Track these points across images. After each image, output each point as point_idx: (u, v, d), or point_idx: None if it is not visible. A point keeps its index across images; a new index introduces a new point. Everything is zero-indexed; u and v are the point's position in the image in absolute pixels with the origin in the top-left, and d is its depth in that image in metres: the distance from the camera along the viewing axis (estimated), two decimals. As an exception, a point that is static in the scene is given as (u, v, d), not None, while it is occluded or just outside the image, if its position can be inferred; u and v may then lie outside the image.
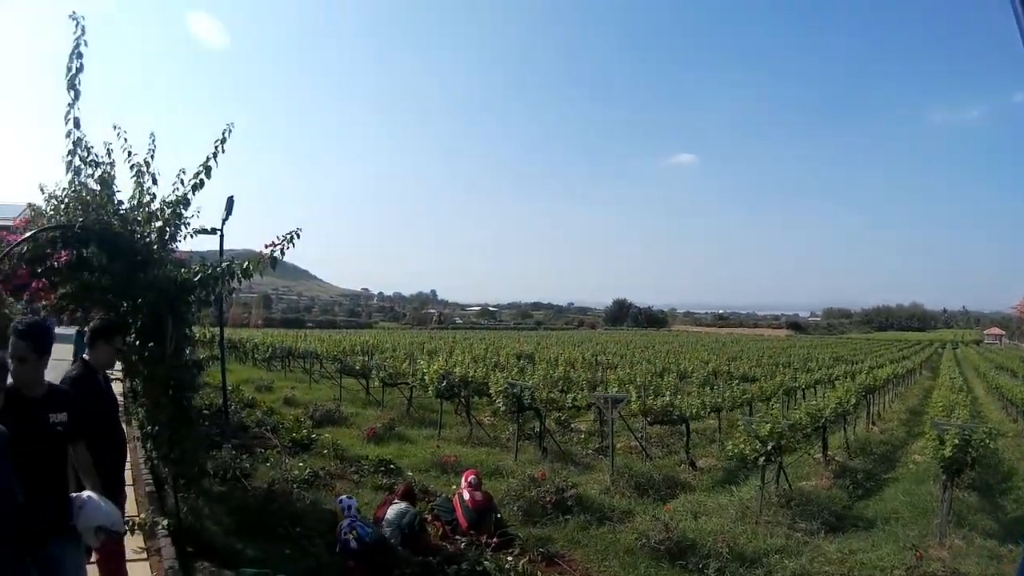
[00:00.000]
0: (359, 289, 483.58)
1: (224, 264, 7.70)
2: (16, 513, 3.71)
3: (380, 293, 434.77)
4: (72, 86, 7.21)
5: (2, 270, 7.68)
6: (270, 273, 7.91)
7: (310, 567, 8.22)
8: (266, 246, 7.46)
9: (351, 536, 8.30)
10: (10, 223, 9.27)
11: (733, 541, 10.01)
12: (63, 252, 7.35)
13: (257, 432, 15.67)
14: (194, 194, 7.89)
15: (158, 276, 7.43)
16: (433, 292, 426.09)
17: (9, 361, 4.24)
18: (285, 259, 7.69)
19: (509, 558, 8.90)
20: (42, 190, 8.67)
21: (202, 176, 7.85)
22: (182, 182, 7.91)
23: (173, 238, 8.05)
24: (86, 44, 7.10)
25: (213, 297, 8.19)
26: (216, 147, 7.92)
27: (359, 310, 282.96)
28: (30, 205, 8.86)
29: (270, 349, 36.13)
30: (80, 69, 7.17)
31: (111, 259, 7.38)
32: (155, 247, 7.76)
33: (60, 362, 11.44)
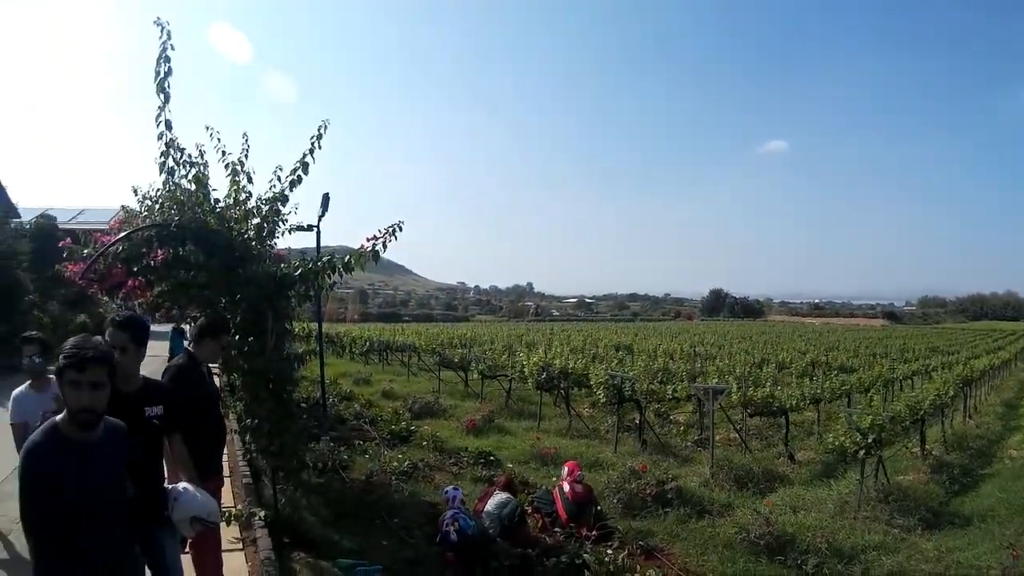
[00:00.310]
0: (455, 283, 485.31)
1: (325, 258, 7.72)
2: (130, 505, 3.76)
3: (476, 286, 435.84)
4: (161, 89, 7.28)
5: (97, 270, 7.83)
6: (368, 268, 7.91)
7: (408, 558, 8.24)
8: (368, 239, 7.44)
9: (452, 528, 8.31)
10: (106, 226, 9.44)
11: (832, 537, 9.77)
12: (159, 251, 7.47)
13: (355, 424, 15.86)
14: (292, 190, 7.96)
15: (257, 272, 7.51)
16: (529, 284, 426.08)
17: (114, 352, 4.21)
18: (382, 254, 7.66)
19: (608, 551, 8.78)
20: (135, 192, 8.88)
21: (299, 172, 7.92)
22: (279, 179, 7.98)
23: (271, 234, 8.15)
24: (172, 48, 7.17)
25: (313, 292, 8.22)
26: (312, 143, 7.96)
27: (455, 303, 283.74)
28: (123, 207, 9.01)
29: (368, 343, 36.42)
30: (168, 73, 7.24)
31: (208, 256, 7.49)
32: (253, 243, 7.84)
33: (155, 358, 11.80)
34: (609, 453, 15.07)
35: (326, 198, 9.28)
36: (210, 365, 6.92)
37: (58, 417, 3.52)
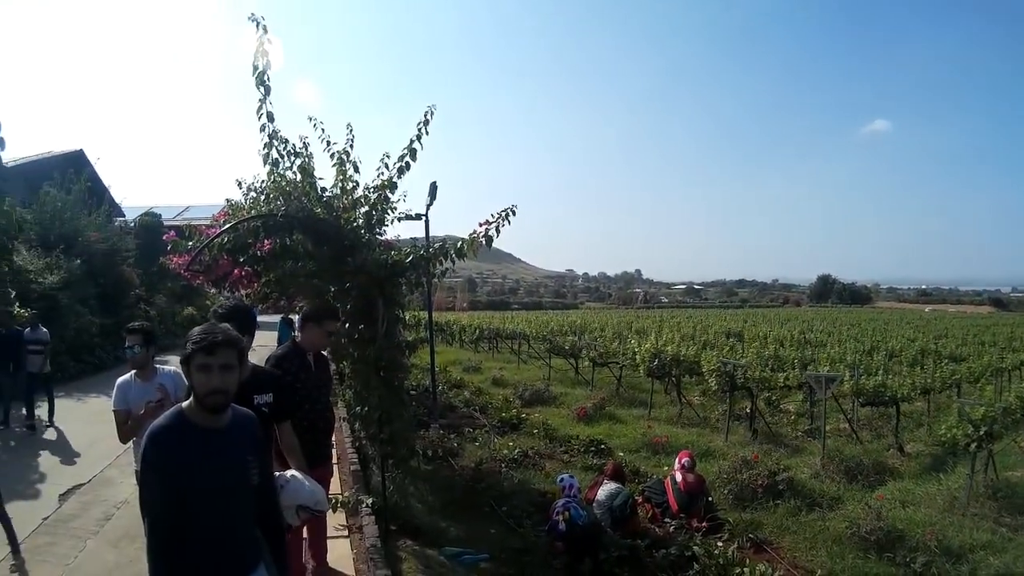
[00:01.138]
0: (564, 270, 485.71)
1: (437, 244, 7.72)
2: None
3: (585, 273, 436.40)
4: (261, 82, 7.42)
5: (202, 261, 7.94)
6: (478, 257, 7.89)
7: (515, 547, 8.14)
8: (480, 224, 7.42)
9: (562, 517, 8.23)
10: (209, 221, 9.61)
11: (941, 534, 9.33)
12: (266, 241, 7.60)
13: (465, 412, 15.96)
14: (400, 177, 7.94)
15: (368, 259, 7.53)
16: (638, 271, 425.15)
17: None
18: (495, 239, 7.58)
19: (718, 544, 8.54)
20: (239, 184, 8.99)
21: (407, 159, 7.89)
22: (387, 166, 7.98)
23: (381, 222, 8.12)
24: (270, 42, 7.28)
25: (424, 280, 8.21)
26: (419, 129, 7.94)
27: (564, 291, 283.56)
28: (228, 200, 9.14)
29: (477, 331, 36.54)
30: (268, 66, 7.37)
31: (317, 245, 7.59)
32: (362, 231, 7.87)
33: (264, 348, 12.00)
34: (720, 442, 14.85)
35: (434, 187, 9.30)
36: (323, 353, 6.96)
37: (184, 404, 3.51)
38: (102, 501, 9.86)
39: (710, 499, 10.24)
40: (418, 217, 8.56)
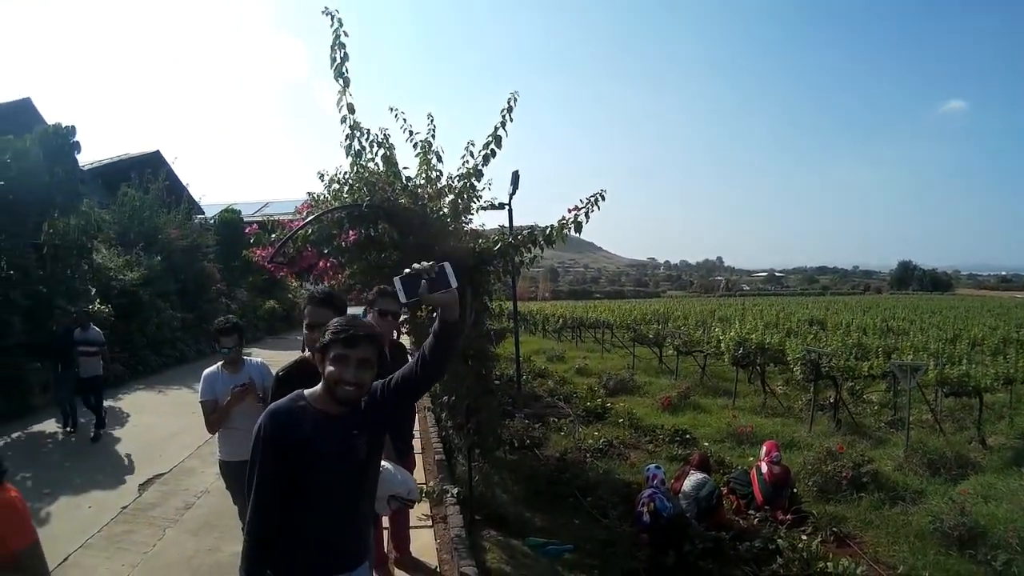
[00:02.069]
0: (645, 259, 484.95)
1: (526, 231, 7.68)
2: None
3: (666, 261, 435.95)
4: (340, 74, 7.46)
5: (286, 253, 7.98)
6: (558, 246, 7.84)
7: (600, 538, 8.10)
8: (569, 210, 7.38)
9: (647, 509, 8.15)
10: (286, 218, 9.72)
11: (1023, 531, 9.05)
12: (351, 232, 7.63)
13: (549, 401, 15.93)
14: (486, 165, 7.92)
15: (455, 248, 7.50)
16: (719, 259, 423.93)
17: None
18: (584, 225, 7.54)
19: (803, 537, 8.39)
20: (321, 177, 9.01)
21: (492, 146, 7.88)
22: (471, 154, 7.98)
23: (467, 211, 8.11)
24: (346, 35, 7.34)
25: (512, 267, 8.17)
26: (503, 116, 7.91)
27: (646, 280, 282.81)
28: (309, 193, 9.20)
29: (560, 320, 36.46)
30: (345, 58, 7.41)
31: (403, 235, 7.59)
32: (448, 220, 7.85)
33: None
34: (803, 433, 14.63)
35: (516, 175, 9.27)
36: (400, 342, 6.93)
37: (307, 391, 3.51)
38: (183, 490, 10.01)
39: (794, 491, 10.11)
40: (501, 206, 8.53)
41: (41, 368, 15.75)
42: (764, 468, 9.96)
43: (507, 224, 10.99)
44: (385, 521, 6.79)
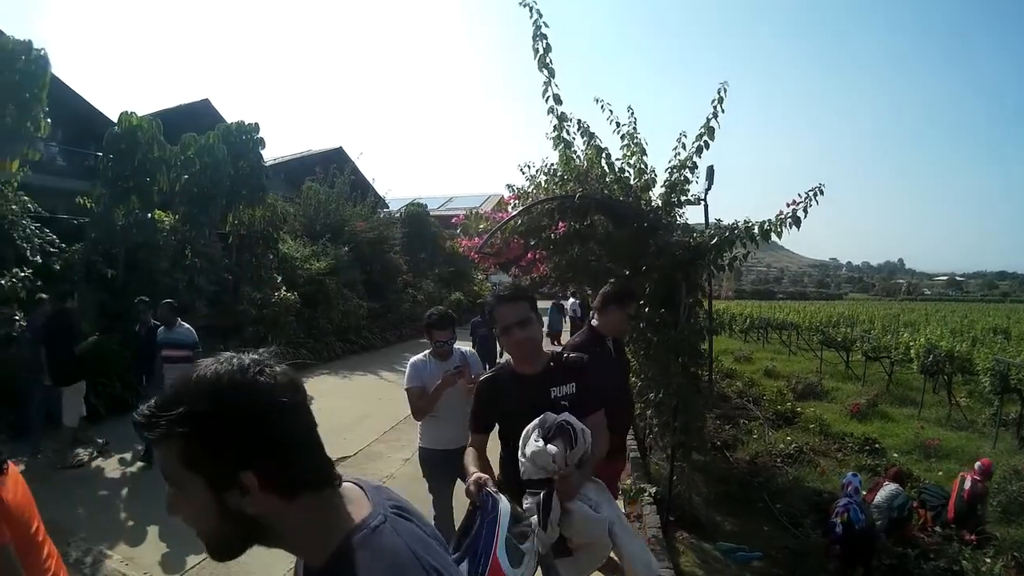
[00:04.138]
0: (827, 259, 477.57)
1: (743, 224, 7.43)
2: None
3: (848, 262, 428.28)
4: (544, 65, 7.37)
5: (494, 244, 7.95)
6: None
7: (789, 547, 7.80)
8: (788, 204, 7.06)
9: (840, 519, 7.88)
10: (476, 210, 9.74)
11: None
12: (560, 223, 7.57)
13: (739, 403, 15.57)
14: (699, 156, 7.73)
15: (670, 241, 7.35)
16: (900, 261, 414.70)
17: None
18: (787, 227, 7.17)
19: (986, 560, 7.95)
20: (522, 171, 9.00)
21: (705, 137, 7.68)
22: (683, 146, 7.82)
23: (678, 203, 7.95)
24: (546, 25, 7.26)
25: (725, 262, 7.94)
26: (714, 107, 7.67)
27: (828, 280, 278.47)
28: (509, 186, 9.17)
29: (748, 320, 35.95)
30: (548, 49, 7.32)
31: (617, 227, 7.50)
32: (660, 213, 7.72)
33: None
34: (988, 448, 13.70)
35: (711, 171, 9.03)
36: (619, 338, 6.77)
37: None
38: (368, 475, 9.93)
39: (980, 512, 9.62)
40: (697, 201, 8.33)
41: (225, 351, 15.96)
42: (967, 484, 9.44)
43: (704, 220, 10.83)
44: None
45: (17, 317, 11.87)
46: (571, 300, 25.67)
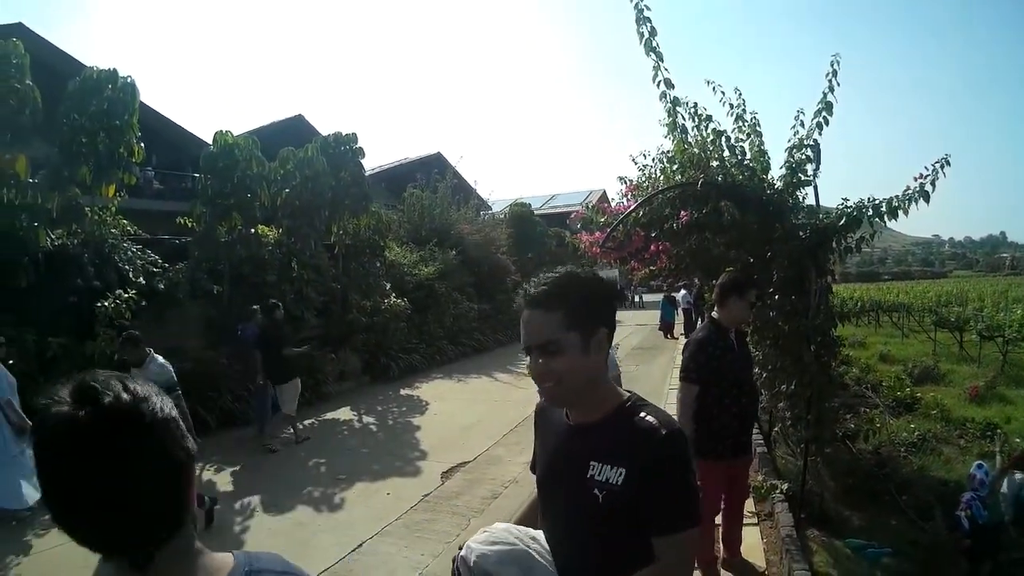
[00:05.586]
0: (930, 236, 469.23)
1: (872, 202, 7.15)
2: None
3: (951, 239, 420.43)
4: (651, 49, 7.18)
5: (615, 238, 7.85)
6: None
7: (916, 542, 7.44)
8: (915, 178, 6.75)
9: (965, 514, 7.60)
10: (579, 207, 9.67)
11: None
12: (682, 212, 7.42)
13: (857, 390, 15.08)
14: (820, 134, 7.45)
15: (798, 224, 7.22)
16: (1003, 234, 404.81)
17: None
18: (915, 203, 6.87)
19: None
20: (634, 161, 8.88)
21: (824, 114, 7.39)
22: (802, 123, 7.57)
23: (801, 184, 7.65)
24: (648, 8, 7.11)
25: (852, 243, 7.70)
26: (829, 81, 7.36)
27: (931, 259, 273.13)
28: (621, 178, 9.07)
29: (859, 303, 35.34)
30: (653, 33, 7.13)
31: (742, 213, 7.28)
32: (785, 195, 7.50)
33: (643, 327, 11.75)
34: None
35: (818, 150, 8.78)
36: (741, 329, 6.60)
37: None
38: (489, 480, 10.06)
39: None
40: (806, 183, 8.12)
41: (335, 359, 16.97)
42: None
43: (814, 201, 10.62)
44: (719, 518, 6.61)
45: None
46: (683, 292, 25.73)
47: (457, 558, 2.64)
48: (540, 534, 2.68)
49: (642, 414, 2.27)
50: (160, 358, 8.88)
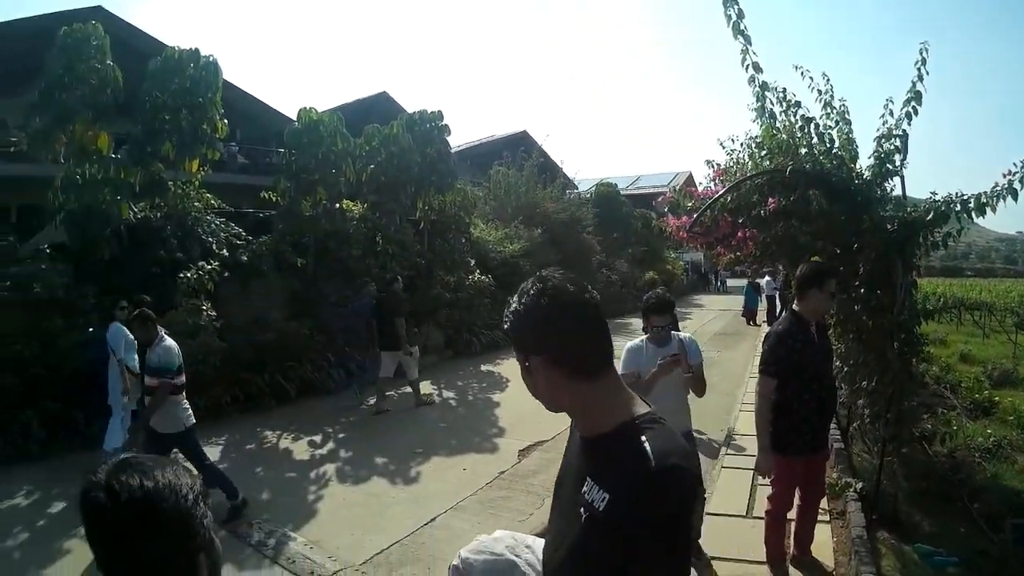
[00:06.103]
0: (1014, 233, 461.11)
1: (960, 196, 7.01)
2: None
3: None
4: (738, 31, 7.10)
5: (702, 223, 7.85)
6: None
7: (987, 552, 7.23)
8: (1004, 175, 6.52)
9: None
10: (666, 189, 9.64)
11: None
12: (770, 199, 7.36)
13: (935, 390, 14.75)
14: (909, 123, 7.26)
15: (885, 216, 7.08)
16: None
17: None
18: (1004, 199, 6.66)
19: None
20: (722, 145, 8.92)
21: (913, 103, 7.21)
22: (891, 112, 7.39)
23: (888, 174, 7.48)
24: (736, -11, 7.00)
25: (939, 238, 7.58)
26: (918, 70, 7.19)
27: (1015, 256, 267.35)
28: (708, 162, 9.07)
29: (941, 299, 34.73)
30: (740, 15, 7.05)
31: (831, 202, 7.19)
32: (873, 186, 7.36)
33: (726, 312, 11.53)
34: None
35: (905, 140, 8.60)
36: (821, 321, 6.51)
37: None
38: (564, 460, 10.04)
39: None
40: (893, 175, 8.00)
41: (418, 333, 16.94)
42: None
43: (901, 193, 10.49)
44: (793, 512, 6.53)
45: (204, 308, 12.55)
46: (767, 279, 25.69)
47: (451, 568, 3.03)
48: (539, 543, 2.81)
49: (643, 437, 1.93)
50: (168, 340, 7.88)
